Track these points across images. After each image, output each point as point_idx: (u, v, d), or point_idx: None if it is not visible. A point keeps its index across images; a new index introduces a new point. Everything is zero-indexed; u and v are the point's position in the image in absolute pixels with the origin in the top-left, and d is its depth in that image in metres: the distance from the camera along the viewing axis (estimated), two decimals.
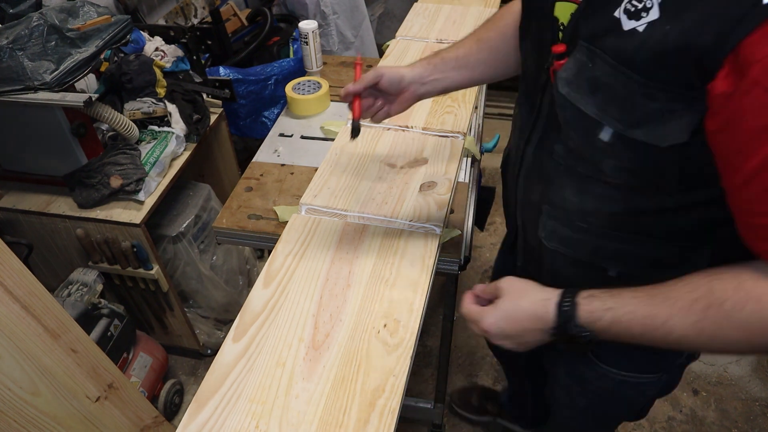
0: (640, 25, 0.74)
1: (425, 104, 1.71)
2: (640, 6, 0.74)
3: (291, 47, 2.66)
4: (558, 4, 0.90)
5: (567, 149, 0.93)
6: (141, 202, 1.81)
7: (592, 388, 1.21)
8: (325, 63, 2.12)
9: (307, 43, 1.95)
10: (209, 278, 2.18)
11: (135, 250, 1.84)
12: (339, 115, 1.84)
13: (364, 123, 1.64)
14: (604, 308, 0.84)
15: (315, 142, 1.73)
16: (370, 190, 1.40)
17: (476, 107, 1.78)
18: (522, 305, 0.93)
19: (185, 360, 2.42)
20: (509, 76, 1.21)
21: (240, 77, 2.34)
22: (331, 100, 1.91)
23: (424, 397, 2.21)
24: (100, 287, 1.90)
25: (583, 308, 0.85)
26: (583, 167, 0.91)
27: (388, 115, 1.19)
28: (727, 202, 0.78)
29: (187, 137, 2.01)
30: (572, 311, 0.86)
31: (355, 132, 1.12)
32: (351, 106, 1.15)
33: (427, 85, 1.18)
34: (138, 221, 1.78)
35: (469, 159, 1.62)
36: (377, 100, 1.18)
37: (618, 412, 1.31)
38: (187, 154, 1.99)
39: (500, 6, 2.40)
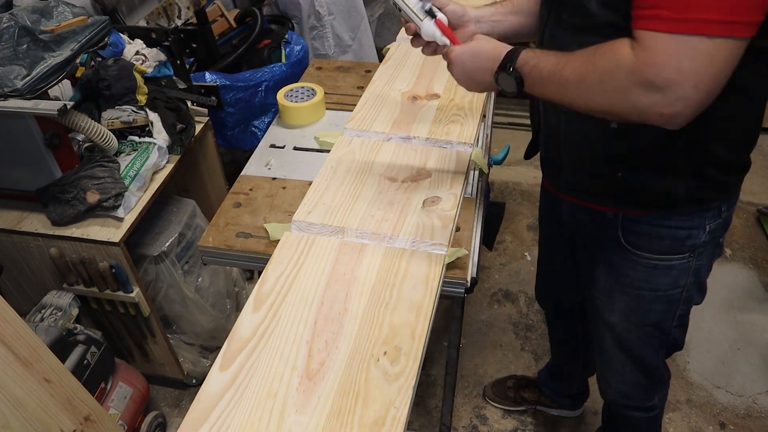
0: None
1: (429, 112, 1.73)
2: None
3: (283, 51, 2.68)
4: None
5: (568, 11, 1.20)
6: (120, 219, 1.82)
7: (628, 281, 1.43)
8: (320, 68, 2.14)
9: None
10: (194, 302, 2.19)
11: (113, 271, 1.85)
12: (335, 125, 1.85)
13: (363, 131, 1.65)
14: (534, 56, 1.15)
15: (309, 154, 1.74)
16: (369, 206, 1.41)
17: (484, 116, 1.80)
18: (486, 46, 1.23)
19: (168, 390, 2.42)
20: None
21: (227, 83, 2.36)
22: (327, 108, 1.92)
23: (427, 431, 2.20)
24: (75, 311, 1.90)
25: (521, 56, 1.16)
26: (580, 19, 1.16)
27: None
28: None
29: (170, 148, 2.02)
30: (514, 56, 1.17)
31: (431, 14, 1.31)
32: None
33: (485, 24, 1.41)
34: (117, 240, 1.78)
35: (477, 172, 1.63)
36: None
37: (663, 310, 1.47)
38: (170, 167, 2.00)
39: None
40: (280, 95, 1.89)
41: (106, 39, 1.83)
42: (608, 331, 1.58)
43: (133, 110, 1.96)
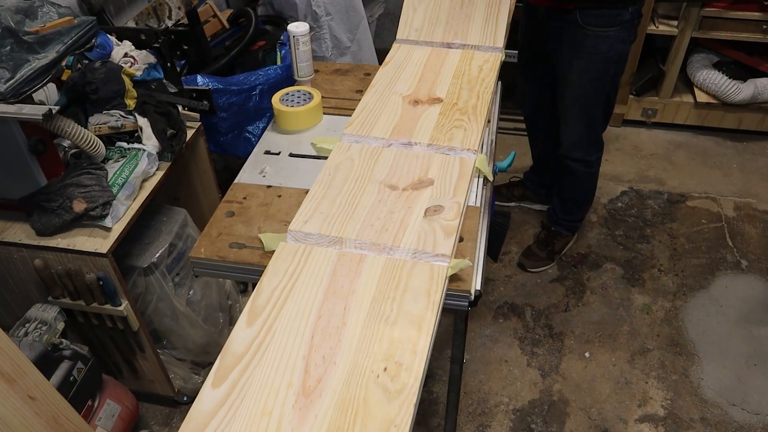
0: None
1: (431, 117, 1.73)
2: None
3: (278, 53, 2.69)
4: None
5: None
6: (108, 229, 1.82)
7: (583, 50, 2.30)
8: (317, 71, 2.15)
9: (297, 48, 1.98)
10: (185, 315, 2.19)
11: (101, 283, 1.85)
12: (333, 130, 1.85)
13: (362, 137, 1.65)
14: None
15: (305, 161, 1.75)
16: (369, 215, 1.42)
17: (489, 121, 1.80)
18: None
19: (158, 408, 2.42)
20: None
21: (220, 87, 2.36)
22: (324, 113, 1.93)
23: None
24: (61, 325, 1.91)
25: None
26: None
27: None
28: None
29: (161, 155, 2.03)
30: None
31: None
32: None
33: None
34: (104, 250, 1.78)
35: (481, 180, 1.63)
36: None
37: (602, 68, 2.34)
38: (160, 174, 2.00)
39: None
40: (275, 99, 1.89)
41: (93, 40, 1.83)
42: (568, 88, 2.46)
43: (121, 115, 1.96)
